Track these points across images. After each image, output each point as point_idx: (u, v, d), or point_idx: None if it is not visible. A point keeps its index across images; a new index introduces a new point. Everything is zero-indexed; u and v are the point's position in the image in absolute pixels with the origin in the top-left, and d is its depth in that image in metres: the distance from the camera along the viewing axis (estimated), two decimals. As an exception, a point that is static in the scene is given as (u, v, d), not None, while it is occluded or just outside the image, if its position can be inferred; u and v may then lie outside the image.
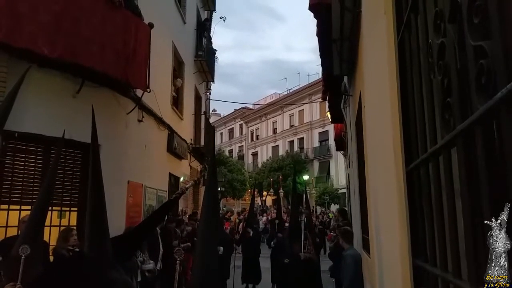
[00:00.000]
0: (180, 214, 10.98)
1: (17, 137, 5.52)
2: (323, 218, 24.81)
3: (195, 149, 14.15)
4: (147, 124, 8.76)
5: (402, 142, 2.02)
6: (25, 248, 2.41)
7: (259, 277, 10.28)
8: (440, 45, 1.40)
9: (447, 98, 1.34)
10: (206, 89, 17.46)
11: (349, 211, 12.31)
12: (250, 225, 11.02)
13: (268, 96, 49.92)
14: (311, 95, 38.80)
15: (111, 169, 6.87)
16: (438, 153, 1.46)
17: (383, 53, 2.44)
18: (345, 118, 9.05)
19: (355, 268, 5.12)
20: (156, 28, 7.85)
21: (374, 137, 3.37)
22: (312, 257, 7.35)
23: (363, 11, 4.03)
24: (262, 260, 10.75)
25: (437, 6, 1.44)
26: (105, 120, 6.76)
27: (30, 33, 5.24)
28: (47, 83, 5.86)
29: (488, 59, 0.99)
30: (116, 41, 6.38)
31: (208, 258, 2.75)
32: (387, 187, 2.49)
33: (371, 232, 4.14)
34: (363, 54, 4.24)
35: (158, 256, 6.80)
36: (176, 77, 12.05)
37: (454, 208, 1.32)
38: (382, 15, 2.44)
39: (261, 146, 47.69)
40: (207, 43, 15.69)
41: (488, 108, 0.97)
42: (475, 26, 1.06)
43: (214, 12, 17.99)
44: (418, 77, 1.80)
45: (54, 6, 5.58)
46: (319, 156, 39.04)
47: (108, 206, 7.31)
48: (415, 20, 1.82)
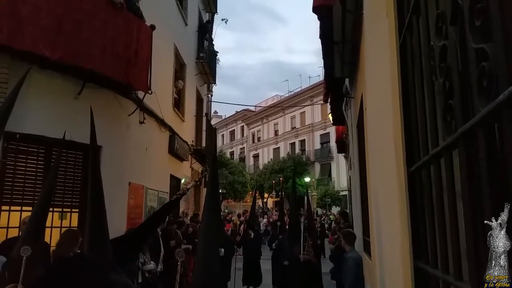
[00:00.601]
0: (181, 215, 10.98)
1: (18, 138, 5.53)
2: (322, 220, 24.77)
3: (196, 151, 14.17)
4: (148, 125, 8.77)
5: (403, 144, 2.02)
6: (26, 249, 2.41)
7: (260, 279, 10.26)
8: (441, 47, 1.40)
9: (448, 100, 1.34)
10: (208, 91, 17.48)
11: (350, 213, 12.30)
12: (251, 227, 11.00)
13: (269, 98, 49.95)
14: (313, 97, 38.81)
15: (112, 170, 6.88)
16: (439, 155, 1.46)
17: (385, 55, 2.44)
18: (347, 120, 9.05)
19: (356, 270, 5.11)
20: (158, 30, 7.87)
21: (376, 139, 3.37)
22: (311, 259, 7.35)
23: (365, 13, 4.04)
24: (263, 262, 10.73)
25: (439, 8, 1.44)
26: (107, 122, 6.77)
27: (31, 35, 5.26)
28: (48, 84, 5.87)
29: (489, 61, 0.99)
30: (118, 43, 6.39)
31: (209, 260, 2.75)
32: (389, 189, 2.49)
33: (372, 234, 4.14)
34: (364, 56, 4.24)
35: (159, 258, 6.80)
36: (178, 79, 12.07)
37: (456, 210, 1.32)
38: (384, 17, 2.44)
39: (263, 148, 47.69)
40: (209, 45, 15.72)
41: (489, 111, 0.97)
42: (476, 28, 1.06)
43: (215, 14, 18.03)
44: (419, 79, 1.80)
45: (56, 9, 5.60)
46: (320, 158, 39.01)
47: (109, 208, 7.31)
48: (416, 22, 1.83)
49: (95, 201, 2.28)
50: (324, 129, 38.27)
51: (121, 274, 2.19)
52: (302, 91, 41.90)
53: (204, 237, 2.90)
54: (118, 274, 2.13)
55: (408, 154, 1.99)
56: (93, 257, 2.05)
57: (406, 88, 2.04)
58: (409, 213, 1.93)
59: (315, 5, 5.29)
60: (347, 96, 7.77)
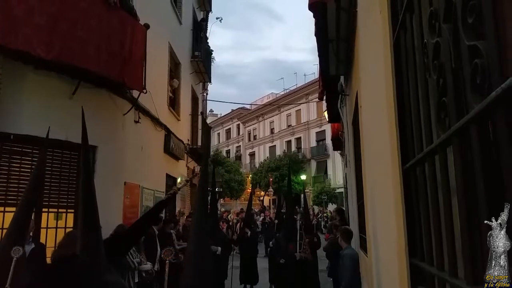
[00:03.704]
0: (177, 215, 10.97)
1: (12, 139, 5.49)
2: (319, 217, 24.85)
3: (192, 150, 14.13)
4: (143, 125, 8.74)
5: (398, 142, 2.03)
6: (17, 250, 2.39)
7: (257, 277, 10.27)
8: (435, 44, 1.40)
9: (442, 97, 1.34)
10: (203, 89, 17.45)
11: (346, 211, 12.33)
12: (248, 225, 11.00)
13: (265, 96, 49.90)
14: (308, 95, 38.80)
15: (108, 170, 6.86)
16: (434, 152, 1.47)
17: (379, 53, 2.44)
18: (342, 118, 9.07)
19: (352, 267, 5.13)
20: (152, 29, 7.83)
21: (371, 137, 3.38)
22: (307, 256, 7.37)
23: (359, 11, 4.04)
24: (260, 260, 10.74)
25: (432, 6, 1.44)
26: (102, 121, 6.74)
27: (25, 35, 5.22)
28: (43, 84, 5.83)
29: (482, 58, 0.99)
30: (112, 42, 6.36)
31: (200, 259, 2.73)
32: (384, 186, 2.50)
33: (368, 231, 4.15)
34: (359, 53, 4.25)
35: (156, 258, 6.79)
36: (173, 78, 12.03)
37: (450, 207, 1.33)
38: (378, 14, 2.45)
39: (259, 146, 47.67)
40: (204, 43, 15.67)
41: (483, 107, 0.97)
42: (469, 25, 1.06)
43: (210, 12, 17.98)
44: (413, 77, 1.81)
45: (50, 8, 5.55)
46: (316, 156, 39.06)
47: (105, 207, 7.26)
48: (410, 19, 1.83)
49: (87, 201, 2.25)
50: (320, 126, 38.29)
51: (115, 274, 2.18)
52: (297, 89, 41.91)
53: (195, 236, 2.88)
54: (112, 274, 2.12)
55: (403, 152, 2.00)
56: (86, 257, 2.03)
57: (400, 85, 2.05)
58: (404, 210, 1.94)
59: (311, 2, 5.29)
60: (342, 93, 7.78)
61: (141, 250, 6.15)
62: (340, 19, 4.89)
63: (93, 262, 2.00)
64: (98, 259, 2.03)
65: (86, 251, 2.05)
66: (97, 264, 2.01)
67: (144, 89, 7.39)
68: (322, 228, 22.86)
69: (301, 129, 41.37)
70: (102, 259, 2.05)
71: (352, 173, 7.21)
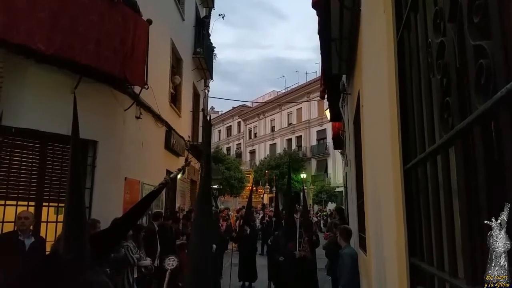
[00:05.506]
0: (177, 211, 10.98)
1: (14, 132, 5.50)
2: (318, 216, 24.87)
3: (193, 146, 14.13)
4: (144, 121, 8.74)
5: (400, 141, 2.02)
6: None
7: (256, 275, 10.30)
8: (439, 44, 1.39)
9: (446, 97, 1.34)
10: (205, 86, 17.43)
11: (346, 210, 12.33)
12: (247, 223, 11.01)
13: (266, 94, 49.86)
14: (310, 94, 38.76)
15: (108, 165, 6.87)
16: (436, 153, 1.46)
17: (382, 52, 2.44)
18: (343, 117, 9.06)
19: (352, 266, 5.14)
20: (155, 25, 7.82)
21: (372, 136, 3.38)
22: (307, 255, 7.37)
23: (363, 9, 4.03)
24: (259, 258, 10.77)
25: (437, 5, 1.43)
26: (103, 116, 6.75)
27: (27, 29, 5.21)
28: (44, 78, 5.83)
29: (487, 58, 0.98)
30: (114, 37, 6.35)
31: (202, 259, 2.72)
32: (385, 185, 2.50)
33: (368, 231, 4.15)
34: (362, 52, 4.23)
35: (156, 253, 6.81)
36: (174, 74, 12.02)
37: (452, 208, 1.32)
38: (382, 13, 2.44)
39: (259, 144, 47.66)
40: (206, 40, 15.65)
41: (487, 108, 0.97)
42: (475, 25, 1.06)
43: (213, 9, 17.94)
44: (417, 76, 1.80)
45: (52, 3, 5.55)
46: (316, 155, 39.05)
47: (105, 203, 7.27)
48: (414, 19, 1.82)
49: (73, 197, 2.11)
50: (321, 125, 38.28)
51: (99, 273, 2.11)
52: (299, 87, 41.85)
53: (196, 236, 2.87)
54: (96, 273, 2.04)
55: (405, 151, 1.99)
56: (70, 255, 1.94)
57: (403, 85, 2.04)
58: (405, 210, 1.93)
59: (314, 0, 5.27)
60: (344, 92, 7.77)
61: (141, 246, 6.17)
62: (344, 17, 4.88)
63: (76, 261, 1.92)
64: (82, 258, 1.94)
65: (69, 249, 1.96)
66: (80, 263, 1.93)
67: (145, 84, 7.38)
68: (321, 226, 22.91)
69: (302, 128, 41.35)
70: (86, 258, 1.95)
71: (352, 172, 7.20)
